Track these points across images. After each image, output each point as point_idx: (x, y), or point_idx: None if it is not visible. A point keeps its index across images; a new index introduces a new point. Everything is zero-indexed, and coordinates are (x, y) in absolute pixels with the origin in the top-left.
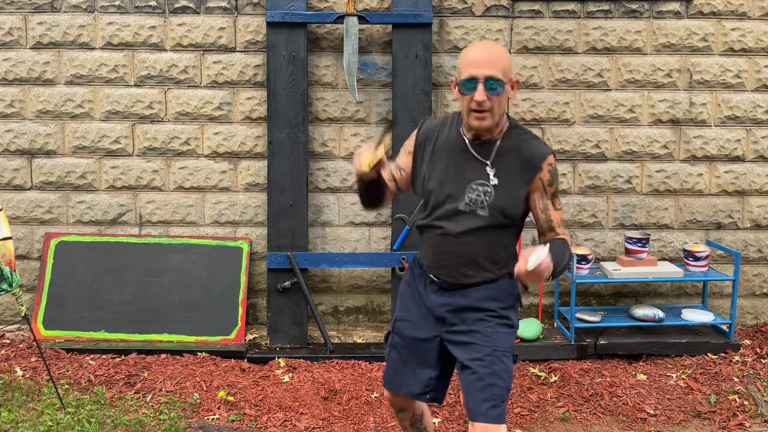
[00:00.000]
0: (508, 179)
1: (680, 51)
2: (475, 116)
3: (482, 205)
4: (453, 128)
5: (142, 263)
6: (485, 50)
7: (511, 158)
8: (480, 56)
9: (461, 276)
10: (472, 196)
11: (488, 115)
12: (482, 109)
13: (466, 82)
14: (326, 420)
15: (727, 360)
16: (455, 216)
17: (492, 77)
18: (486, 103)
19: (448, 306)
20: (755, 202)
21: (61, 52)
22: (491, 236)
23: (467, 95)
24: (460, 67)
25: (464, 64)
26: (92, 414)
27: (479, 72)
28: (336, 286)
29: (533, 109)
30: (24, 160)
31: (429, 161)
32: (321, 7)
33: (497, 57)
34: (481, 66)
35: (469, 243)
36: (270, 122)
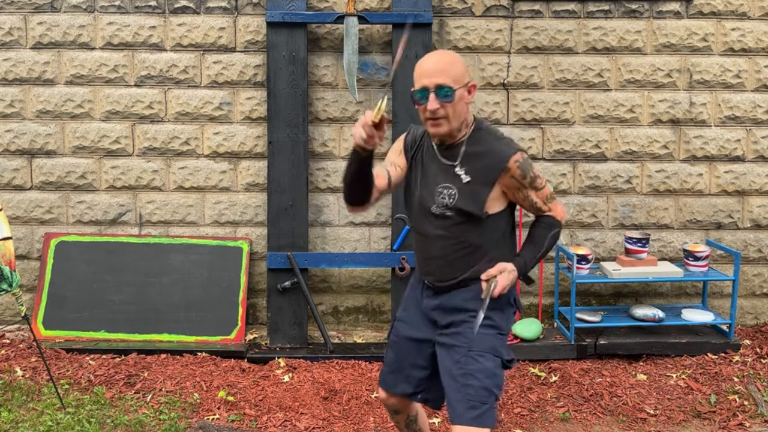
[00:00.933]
0: (472, 180)
1: (680, 51)
2: (431, 124)
3: (449, 206)
4: (427, 137)
5: (142, 263)
6: (435, 60)
7: (477, 160)
8: (430, 67)
9: (444, 277)
10: (439, 199)
11: (444, 122)
12: (436, 116)
13: (418, 93)
14: (326, 420)
15: (727, 360)
16: (429, 219)
17: (442, 85)
18: (440, 111)
19: (438, 308)
20: (755, 202)
21: (61, 52)
22: (464, 236)
23: (422, 105)
24: (414, 78)
25: (417, 76)
26: (92, 414)
27: (429, 81)
28: (336, 286)
29: (533, 109)
30: (24, 160)
31: (413, 167)
32: (321, 7)
33: (447, 65)
34: (431, 76)
35: (443, 245)
36: (270, 122)
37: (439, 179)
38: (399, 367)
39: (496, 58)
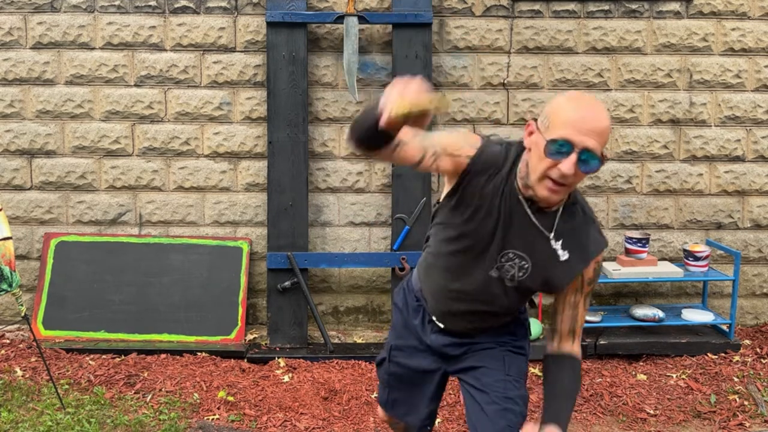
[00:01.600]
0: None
1: (680, 51)
2: (549, 187)
3: (512, 279)
4: (507, 177)
5: (142, 263)
6: (595, 114)
7: (572, 238)
8: (587, 121)
9: (470, 328)
10: (506, 265)
11: (564, 190)
12: (564, 183)
13: (558, 145)
14: (326, 420)
15: (727, 360)
16: (478, 275)
17: (593, 151)
18: (570, 178)
19: (453, 344)
20: (755, 202)
21: (61, 52)
22: (510, 305)
23: (551, 159)
24: (553, 121)
25: (562, 122)
26: (92, 414)
27: (581, 140)
28: (336, 286)
29: (533, 109)
30: (24, 160)
31: (475, 198)
32: (321, 7)
33: (606, 129)
34: (586, 134)
35: (483, 306)
36: (270, 122)
37: (529, 245)
38: (408, 399)
39: (496, 58)
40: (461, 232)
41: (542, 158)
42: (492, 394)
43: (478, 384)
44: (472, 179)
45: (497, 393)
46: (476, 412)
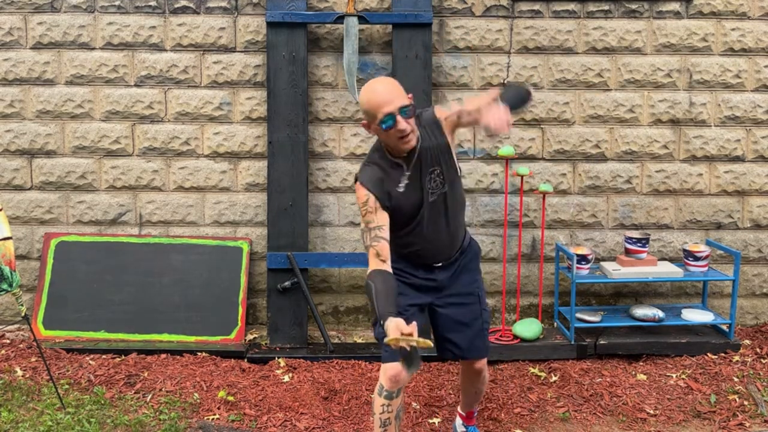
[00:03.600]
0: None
1: (680, 51)
2: (403, 142)
3: (442, 184)
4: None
5: (142, 263)
6: (386, 88)
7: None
8: (385, 96)
9: (454, 250)
10: (431, 185)
11: (412, 135)
12: (406, 133)
13: (386, 120)
14: (326, 420)
15: (727, 360)
16: (435, 211)
17: (402, 106)
18: (407, 128)
19: (452, 276)
20: (755, 202)
21: (61, 52)
22: (455, 205)
23: (392, 129)
24: (371, 111)
25: (375, 107)
26: (92, 414)
27: (392, 107)
28: (336, 286)
29: (533, 109)
30: (24, 160)
31: (393, 194)
32: (321, 7)
33: (396, 88)
34: (391, 102)
35: (448, 224)
36: (270, 122)
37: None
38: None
39: (496, 58)
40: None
41: (386, 133)
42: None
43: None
44: (377, 192)
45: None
46: (461, 333)
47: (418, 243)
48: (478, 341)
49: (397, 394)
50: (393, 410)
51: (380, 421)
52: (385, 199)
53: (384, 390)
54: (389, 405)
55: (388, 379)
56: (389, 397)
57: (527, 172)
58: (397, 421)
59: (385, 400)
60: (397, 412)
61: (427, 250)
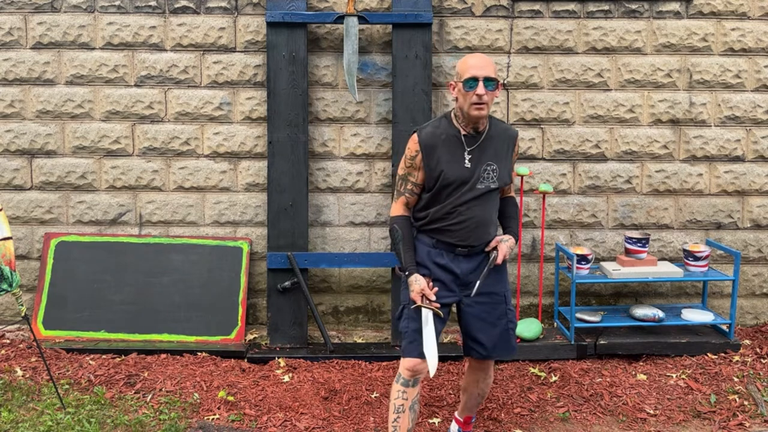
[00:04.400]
0: (502, 155)
1: (680, 51)
2: (476, 107)
3: (493, 180)
4: (449, 128)
5: (142, 263)
6: (482, 58)
7: (500, 139)
8: (479, 62)
9: (483, 239)
10: (484, 175)
11: (485, 107)
12: (482, 101)
13: (469, 81)
14: (326, 420)
15: (727, 360)
16: (471, 193)
17: (489, 77)
18: (485, 97)
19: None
20: (755, 202)
21: (61, 52)
22: (494, 202)
23: (470, 92)
24: (461, 70)
25: (466, 68)
26: (92, 414)
27: (480, 72)
28: (336, 286)
29: (533, 109)
30: (24, 160)
31: (442, 160)
32: (321, 7)
33: (491, 64)
34: (481, 68)
35: (484, 212)
36: (270, 122)
37: (480, 160)
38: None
39: (496, 58)
40: (449, 181)
41: (464, 94)
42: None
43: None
44: (429, 157)
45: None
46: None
47: (450, 218)
48: (503, 341)
49: (414, 384)
50: (408, 399)
51: (394, 406)
52: (432, 163)
53: (401, 378)
54: (405, 392)
55: (407, 369)
56: (406, 384)
57: (527, 172)
58: (411, 412)
59: (401, 387)
60: (413, 402)
61: (457, 229)
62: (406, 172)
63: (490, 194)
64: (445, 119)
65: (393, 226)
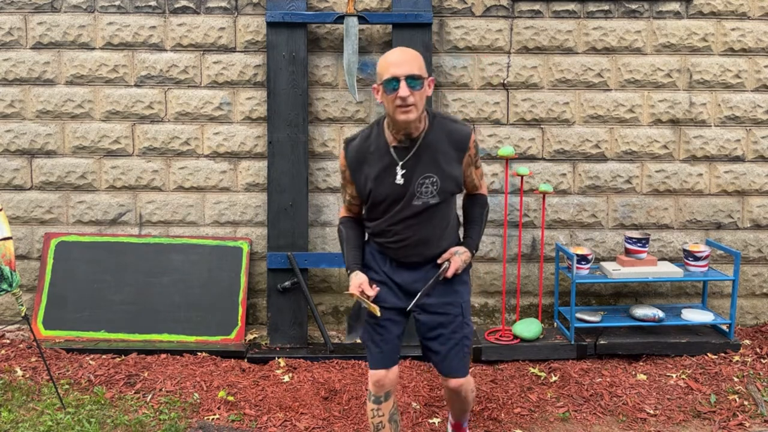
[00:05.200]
0: (446, 163)
1: (680, 51)
2: (401, 111)
3: (434, 193)
4: (378, 139)
5: (142, 263)
6: (402, 53)
7: (443, 145)
8: (398, 58)
9: (427, 256)
10: (422, 189)
11: (413, 109)
12: (407, 104)
13: (389, 82)
14: (326, 420)
15: (727, 360)
16: (408, 210)
17: (411, 75)
18: (410, 98)
19: (421, 279)
20: (755, 202)
21: (61, 52)
22: (442, 216)
23: (392, 94)
24: (380, 70)
25: (385, 67)
26: (92, 414)
27: (400, 71)
28: (336, 286)
29: (533, 109)
30: (24, 160)
31: (370, 178)
32: (321, 7)
33: (413, 58)
34: (400, 66)
35: (427, 228)
36: (270, 122)
37: (415, 173)
38: (390, 340)
39: (496, 58)
40: (379, 199)
41: (387, 97)
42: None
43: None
44: (357, 173)
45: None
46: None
47: (388, 236)
48: (454, 356)
49: (386, 398)
50: (384, 414)
51: (373, 425)
52: (360, 180)
53: (372, 395)
54: (379, 409)
55: (373, 384)
56: (377, 402)
57: (527, 172)
58: (392, 424)
59: (374, 405)
60: (390, 415)
61: (396, 247)
62: (344, 186)
63: (432, 209)
64: (377, 127)
65: (339, 227)
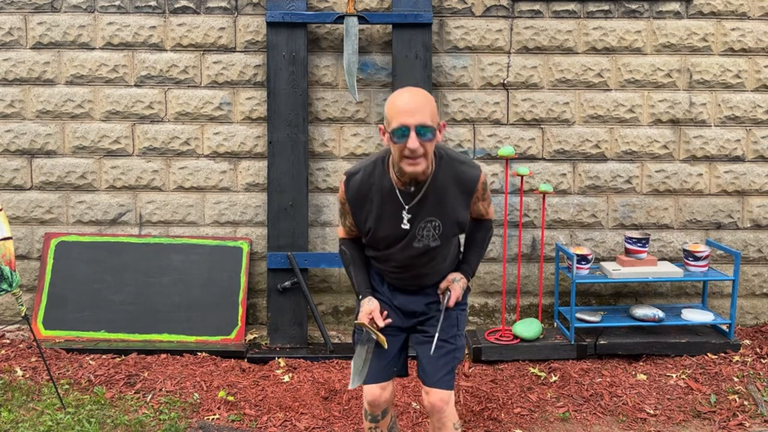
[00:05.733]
0: (451, 207)
1: (680, 51)
2: (408, 162)
3: (434, 237)
4: (382, 179)
5: (142, 263)
6: (413, 98)
7: (450, 188)
8: (409, 104)
9: (425, 284)
10: (424, 232)
11: (422, 160)
12: (416, 155)
13: (397, 131)
14: (326, 420)
15: (727, 360)
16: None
17: (423, 125)
18: (419, 150)
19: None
20: (755, 202)
21: (61, 52)
22: (442, 252)
23: (399, 144)
24: (389, 116)
25: (393, 113)
26: (92, 414)
27: (411, 120)
28: (336, 286)
29: (533, 109)
30: (24, 160)
31: (371, 216)
32: (321, 7)
33: (426, 104)
34: (412, 114)
35: (425, 266)
36: (270, 122)
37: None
38: (386, 357)
39: (496, 58)
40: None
41: (394, 146)
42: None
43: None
44: (357, 208)
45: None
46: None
47: (387, 266)
48: (443, 365)
49: (383, 415)
50: (384, 426)
51: None
52: (360, 216)
53: (368, 414)
54: (377, 427)
55: (368, 403)
56: (375, 420)
57: (527, 172)
58: None
59: (371, 424)
60: (390, 427)
61: (395, 278)
62: (343, 217)
63: (432, 251)
64: (382, 165)
65: (341, 248)
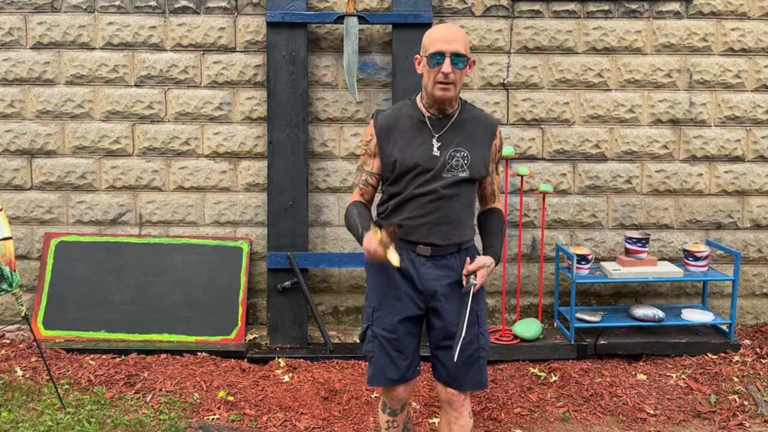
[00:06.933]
0: (477, 142)
1: (680, 51)
2: (441, 87)
3: (463, 168)
4: (411, 110)
5: (142, 263)
6: (451, 30)
7: (474, 124)
8: (447, 34)
9: (449, 239)
10: (452, 162)
11: (452, 87)
12: (448, 81)
13: (434, 56)
14: (326, 420)
15: (727, 360)
16: (437, 182)
17: (457, 53)
18: (451, 75)
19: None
20: (755, 202)
21: (61, 52)
22: (467, 197)
23: (435, 68)
24: (426, 44)
25: (431, 41)
26: (92, 414)
27: (447, 47)
28: (336, 286)
29: (533, 109)
30: (24, 160)
31: (399, 145)
32: (321, 7)
33: (461, 36)
34: (448, 42)
35: (452, 206)
36: (270, 122)
37: (448, 145)
38: (408, 355)
39: (496, 58)
40: (407, 167)
41: (429, 71)
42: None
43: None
44: (384, 140)
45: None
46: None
47: (409, 210)
48: (468, 368)
49: (401, 410)
50: (399, 425)
51: None
52: (387, 148)
53: (387, 407)
54: (394, 421)
55: (391, 397)
56: (393, 414)
57: (527, 172)
58: (405, 431)
59: (389, 417)
60: (404, 424)
61: (417, 224)
62: (362, 161)
63: (459, 186)
64: (409, 101)
65: (347, 207)
